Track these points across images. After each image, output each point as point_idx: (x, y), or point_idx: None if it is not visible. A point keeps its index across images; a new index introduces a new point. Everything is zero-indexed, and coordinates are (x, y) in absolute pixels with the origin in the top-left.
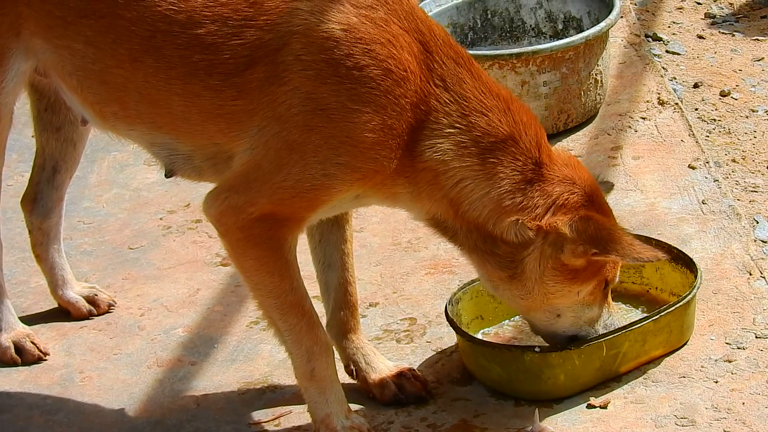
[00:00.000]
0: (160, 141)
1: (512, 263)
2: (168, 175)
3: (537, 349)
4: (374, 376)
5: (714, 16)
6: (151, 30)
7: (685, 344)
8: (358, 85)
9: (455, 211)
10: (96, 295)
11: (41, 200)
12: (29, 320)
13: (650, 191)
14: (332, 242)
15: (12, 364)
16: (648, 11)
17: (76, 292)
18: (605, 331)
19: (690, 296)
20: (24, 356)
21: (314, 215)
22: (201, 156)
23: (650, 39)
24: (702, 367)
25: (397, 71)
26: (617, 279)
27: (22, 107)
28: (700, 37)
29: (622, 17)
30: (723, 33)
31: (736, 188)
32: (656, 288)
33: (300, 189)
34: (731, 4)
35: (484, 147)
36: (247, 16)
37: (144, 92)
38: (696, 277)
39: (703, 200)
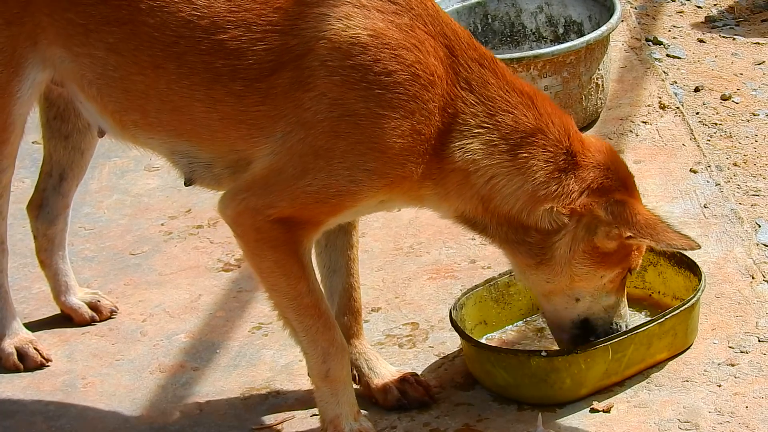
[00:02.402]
0: (180, 149)
1: (542, 249)
2: (187, 183)
3: (543, 354)
4: (377, 381)
5: (714, 20)
6: (173, 36)
7: (689, 347)
8: (386, 91)
9: (485, 207)
10: (98, 301)
11: (47, 207)
12: (31, 326)
13: (652, 195)
14: (338, 247)
15: (15, 370)
16: (648, 15)
17: (78, 298)
18: (620, 320)
19: (695, 299)
20: (27, 362)
21: (335, 219)
22: (221, 164)
23: (651, 43)
24: (705, 371)
25: (425, 76)
26: (638, 267)
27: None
28: (701, 40)
29: (622, 21)
30: (723, 36)
31: (738, 192)
32: (659, 292)
33: (325, 195)
34: (731, 7)
35: (514, 143)
36: (272, 21)
37: (166, 99)
38: (700, 280)
39: (705, 204)
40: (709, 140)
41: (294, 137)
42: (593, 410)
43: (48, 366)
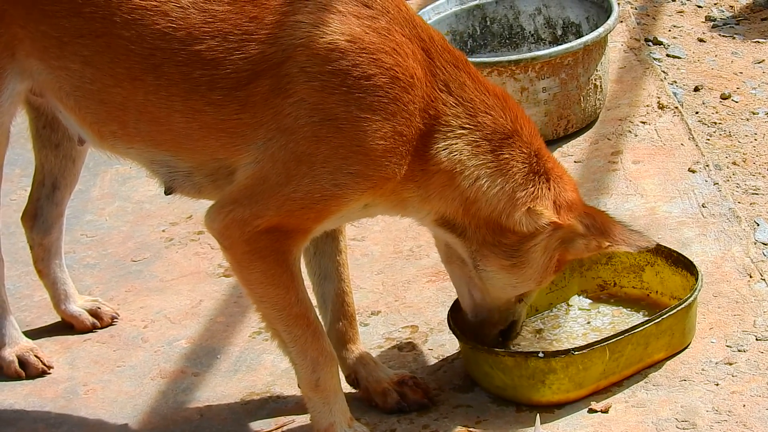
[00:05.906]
0: (159, 158)
1: (517, 252)
2: (167, 192)
3: (541, 355)
4: (376, 384)
5: (714, 19)
6: (150, 48)
7: (687, 347)
8: (367, 94)
9: (466, 209)
10: (99, 308)
11: (41, 216)
12: (33, 334)
13: (650, 195)
14: (327, 254)
15: (16, 377)
16: (648, 15)
17: (79, 305)
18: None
19: (692, 298)
20: (28, 370)
21: (321, 226)
22: (201, 172)
23: (651, 43)
24: (703, 370)
25: (404, 78)
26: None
27: (26, 121)
28: (701, 40)
29: (621, 22)
30: (723, 36)
31: (737, 191)
32: (656, 292)
33: (310, 200)
34: (731, 6)
35: (495, 144)
36: (248, 30)
37: (144, 110)
38: (697, 279)
39: (704, 203)
40: (708, 139)
41: (275, 144)
42: (591, 410)
43: (49, 373)
